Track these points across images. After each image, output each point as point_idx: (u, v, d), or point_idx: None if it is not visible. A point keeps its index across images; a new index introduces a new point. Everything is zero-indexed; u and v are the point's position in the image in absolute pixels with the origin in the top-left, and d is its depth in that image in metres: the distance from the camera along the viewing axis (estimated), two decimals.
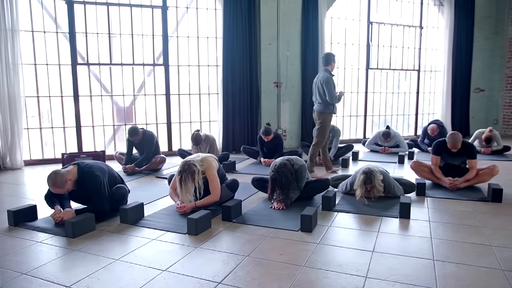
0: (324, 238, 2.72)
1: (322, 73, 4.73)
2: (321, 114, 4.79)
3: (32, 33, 5.61)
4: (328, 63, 4.70)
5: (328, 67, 4.71)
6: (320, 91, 4.70)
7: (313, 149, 4.93)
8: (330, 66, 4.71)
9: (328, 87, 4.60)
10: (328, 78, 4.62)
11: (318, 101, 4.79)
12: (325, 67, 4.73)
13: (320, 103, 4.76)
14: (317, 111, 4.83)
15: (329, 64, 4.71)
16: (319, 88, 4.71)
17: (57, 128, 6.03)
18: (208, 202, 3.31)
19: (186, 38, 6.55)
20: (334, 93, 4.65)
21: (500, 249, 2.51)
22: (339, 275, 2.17)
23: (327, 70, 4.71)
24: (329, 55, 4.74)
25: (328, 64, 4.71)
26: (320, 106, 4.78)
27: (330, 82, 4.62)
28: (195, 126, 6.73)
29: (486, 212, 3.30)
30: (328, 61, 4.70)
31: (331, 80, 4.64)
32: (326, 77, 4.62)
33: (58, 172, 2.95)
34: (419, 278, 2.11)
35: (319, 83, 4.70)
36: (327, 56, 4.74)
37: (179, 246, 2.62)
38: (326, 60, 4.72)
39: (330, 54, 4.74)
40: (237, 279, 2.13)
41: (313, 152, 4.93)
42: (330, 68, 4.71)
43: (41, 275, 2.20)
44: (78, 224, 2.80)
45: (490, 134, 6.15)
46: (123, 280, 2.14)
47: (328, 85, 4.60)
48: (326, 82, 4.61)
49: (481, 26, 8.48)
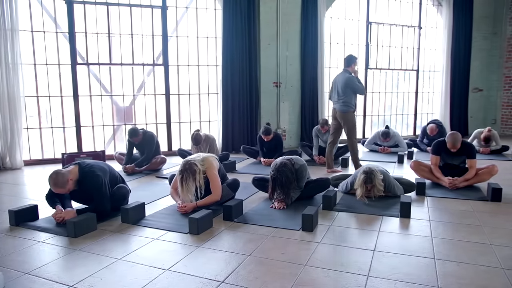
0: (325, 238, 2.73)
1: (343, 74, 4.85)
2: (344, 114, 4.90)
3: (31, 33, 5.60)
4: (349, 64, 4.84)
5: (349, 69, 4.84)
6: (340, 91, 4.83)
7: (352, 149, 5.01)
8: (351, 67, 4.84)
9: (352, 85, 4.74)
10: (350, 77, 4.76)
11: (341, 100, 4.87)
12: (345, 68, 4.86)
13: (342, 102, 4.87)
14: (339, 111, 4.93)
15: (350, 66, 4.84)
16: (340, 88, 4.83)
17: (56, 128, 6.03)
18: (209, 202, 3.32)
19: (186, 38, 6.56)
20: (361, 86, 4.80)
21: (500, 247, 2.52)
22: (341, 274, 2.18)
23: (347, 71, 4.84)
24: (351, 57, 4.86)
25: (349, 65, 4.84)
26: (341, 106, 4.89)
27: (353, 80, 4.75)
28: (195, 126, 6.74)
29: (486, 211, 3.32)
30: (349, 63, 4.84)
31: (353, 78, 4.77)
32: (349, 77, 4.77)
33: (59, 172, 2.95)
34: (421, 277, 2.13)
35: (342, 84, 4.80)
36: (349, 58, 4.87)
37: (181, 245, 2.63)
38: (348, 61, 4.85)
39: (352, 56, 4.87)
40: (240, 278, 2.14)
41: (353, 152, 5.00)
42: (350, 69, 4.84)
43: (43, 275, 2.21)
44: (79, 224, 2.80)
45: (489, 133, 6.18)
46: (126, 279, 2.15)
47: (352, 83, 4.74)
48: (350, 81, 4.75)
49: (479, 26, 8.51)
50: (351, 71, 4.84)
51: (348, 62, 4.84)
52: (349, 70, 4.83)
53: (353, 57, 4.86)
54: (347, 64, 4.85)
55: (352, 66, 4.84)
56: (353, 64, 4.84)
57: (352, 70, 4.84)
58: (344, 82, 4.77)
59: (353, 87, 4.75)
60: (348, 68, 4.84)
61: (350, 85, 4.74)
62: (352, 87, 4.75)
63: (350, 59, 4.84)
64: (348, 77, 4.76)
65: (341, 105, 4.87)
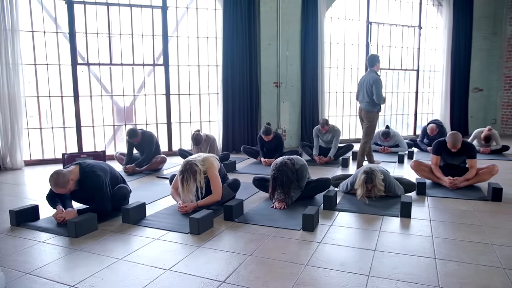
0: (326, 237, 2.74)
1: (370, 74, 4.92)
2: (369, 113, 4.98)
3: (32, 33, 5.61)
4: (373, 64, 4.92)
5: (374, 68, 4.91)
6: (368, 91, 4.89)
7: (363, 147, 5.11)
8: (375, 67, 4.92)
9: (376, 88, 4.80)
10: (377, 79, 4.82)
11: (366, 100, 4.96)
12: (371, 68, 4.93)
13: (368, 102, 4.94)
14: (365, 109, 5.02)
15: (374, 65, 4.92)
16: (367, 88, 4.89)
17: (57, 128, 6.03)
18: (209, 202, 3.32)
19: (186, 38, 6.56)
20: (382, 94, 4.87)
21: (500, 247, 2.53)
22: (342, 273, 2.18)
23: (373, 71, 4.91)
24: (373, 56, 4.96)
25: (373, 65, 4.92)
26: (367, 105, 4.97)
27: (379, 83, 4.82)
28: (195, 126, 6.74)
29: (486, 211, 3.32)
30: (373, 63, 4.92)
31: (379, 81, 4.83)
32: (375, 78, 4.83)
33: (60, 172, 2.96)
34: (421, 276, 2.13)
35: (368, 83, 4.88)
36: (371, 58, 4.95)
37: (181, 245, 2.63)
38: (371, 61, 4.94)
39: (374, 56, 4.96)
40: (241, 278, 2.14)
41: (362, 149, 5.11)
42: (375, 68, 4.92)
43: (45, 275, 2.21)
44: (80, 224, 2.81)
45: (489, 133, 6.18)
46: (127, 279, 2.15)
47: (377, 86, 4.80)
48: (375, 82, 4.81)
49: (480, 26, 8.51)
50: (376, 70, 4.93)
51: (371, 62, 4.93)
52: (374, 70, 4.92)
53: (375, 56, 4.95)
54: (370, 64, 4.94)
55: (377, 65, 4.93)
56: (377, 63, 4.93)
57: (376, 69, 4.93)
58: (370, 82, 4.85)
59: (375, 90, 4.81)
60: (373, 68, 4.93)
61: (376, 87, 4.81)
62: (376, 88, 4.81)
63: (373, 59, 4.94)
64: (375, 78, 4.84)
65: (366, 104, 4.99)
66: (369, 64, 4.96)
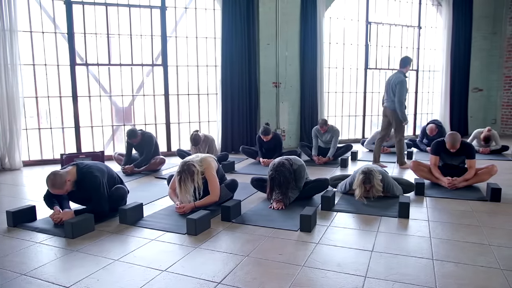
0: (323, 238, 2.72)
1: (397, 74, 5.00)
2: (393, 112, 5.05)
3: (30, 33, 5.60)
4: (404, 65, 5.00)
5: (403, 69, 4.98)
6: (393, 90, 4.98)
7: (399, 145, 5.24)
8: (405, 68, 4.99)
9: (399, 89, 4.88)
10: (403, 81, 4.90)
11: (391, 98, 5.05)
12: (400, 69, 5.00)
13: (393, 101, 5.02)
14: (389, 108, 5.11)
15: (405, 67, 4.99)
16: (392, 88, 4.99)
17: (56, 128, 6.03)
18: (207, 202, 3.31)
19: (185, 38, 6.55)
20: (403, 98, 4.94)
21: (498, 248, 2.51)
22: (339, 274, 2.17)
23: (402, 72, 4.97)
24: (406, 58, 5.03)
25: (404, 66, 4.99)
26: (392, 104, 5.04)
27: (403, 85, 4.89)
28: (194, 126, 6.73)
29: (485, 211, 3.31)
30: (404, 64, 5.00)
31: (405, 83, 4.91)
32: (401, 79, 4.90)
33: (57, 173, 2.95)
34: (419, 278, 2.12)
35: (393, 83, 4.95)
36: (404, 59, 5.03)
37: (178, 246, 2.62)
38: (403, 62, 5.01)
39: (407, 58, 5.03)
40: (237, 279, 2.13)
41: (400, 147, 5.25)
42: (405, 70, 4.99)
43: (40, 276, 2.20)
44: (77, 225, 2.80)
45: (489, 133, 6.17)
46: (123, 280, 2.14)
47: (401, 87, 4.87)
48: (400, 83, 4.88)
49: (479, 26, 8.50)
50: (405, 71, 4.99)
51: (403, 63, 5.01)
52: (403, 71, 4.98)
53: (408, 59, 5.02)
54: (402, 65, 5.01)
55: (407, 67, 4.99)
56: (408, 66, 4.99)
57: (406, 71, 4.99)
58: (396, 82, 4.92)
59: (398, 91, 4.88)
60: (403, 69, 4.99)
61: (399, 88, 4.87)
62: (399, 90, 4.87)
63: (405, 60, 5.01)
64: (401, 79, 4.91)
65: (391, 102, 5.05)
66: (401, 65, 5.04)
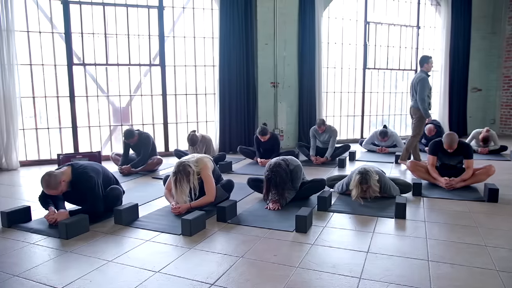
0: (318, 239, 2.71)
1: (419, 74, 5.08)
2: (418, 110, 5.07)
3: (27, 33, 5.59)
4: (422, 64, 5.07)
5: (423, 68, 5.04)
6: (415, 89, 5.04)
7: (411, 141, 5.26)
8: (424, 67, 5.04)
9: (420, 87, 4.94)
10: (423, 79, 4.96)
11: (414, 97, 5.11)
12: (421, 68, 5.07)
13: (415, 100, 5.09)
14: (414, 107, 5.17)
15: (423, 66, 5.05)
16: (414, 87, 5.09)
17: (53, 128, 6.01)
18: (203, 203, 3.29)
19: (183, 38, 6.54)
20: (424, 95, 4.96)
21: (494, 249, 2.50)
22: (333, 276, 2.16)
23: (423, 71, 5.04)
24: (422, 57, 5.11)
25: (422, 65, 5.06)
26: (415, 103, 5.10)
27: (424, 84, 4.95)
28: (192, 126, 6.72)
29: (482, 212, 3.29)
30: (422, 63, 5.08)
31: (425, 81, 4.96)
32: (422, 78, 4.98)
33: (51, 173, 2.93)
34: (413, 279, 2.10)
35: (415, 83, 5.04)
36: (421, 58, 5.13)
37: (173, 247, 2.61)
38: (421, 62, 5.10)
39: (423, 56, 5.11)
40: (230, 280, 2.11)
41: (410, 144, 5.26)
42: (424, 68, 5.04)
43: (33, 277, 2.18)
44: (71, 225, 2.78)
45: (487, 134, 6.15)
46: (116, 282, 2.12)
47: (421, 85, 4.94)
48: (421, 81, 4.95)
49: (478, 26, 8.49)
50: (426, 70, 5.04)
51: (421, 63, 5.10)
52: (424, 70, 5.04)
53: (424, 57, 5.09)
54: (421, 64, 5.09)
55: (425, 66, 5.03)
56: (425, 64, 5.03)
57: (426, 68, 5.04)
58: (417, 80, 5.00)
59: (419, 89, 4.94)
60: (422, 68, 5.05)
61: (420, 86, 4.93)
62: (420, 87, 4.93)
63: (422, 59, 5.10)
64: (422, 77, 4.97)
65: (414, 102, 5.14)
66: (420, 65, 5.12)
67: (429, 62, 5.06)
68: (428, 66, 5.06)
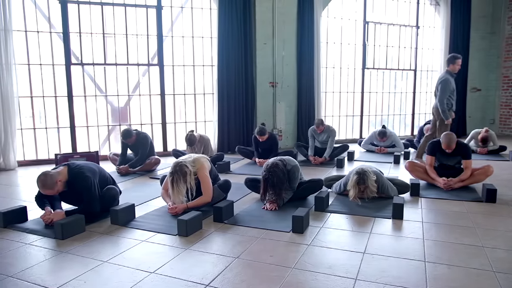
0: (315, 240, 2.70)
1: (443, 74, 5.08)
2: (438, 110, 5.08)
3: (25, 33, 5.57)
4: (448, 64, 5.05)
5: (449, 68, 5.02)
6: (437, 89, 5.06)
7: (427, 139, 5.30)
8: (450, 67, 5.02)
9: (441, 88, 4.95)
10: (445, 80, 4.95)
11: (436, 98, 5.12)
12: (447, 68, 5.05)
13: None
14: (435, 106, 5.20)
15: (448, 65, 5.04)
16: (437, 87, 5.10)
17: (51, 128, 6.00)
18: (200, 203, 3.28)
19: (181, 38, 6.53)
20: (444, 97, 4.95)
21: (492, 249, 2.49)
22: (329, 277, 2.14)
23: (448, 71, 5.02)
24: (450, 57, 5.09)
25: (448, 65, 5.05)
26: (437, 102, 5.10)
27: (445, 86, 4.93)
28: (190, 126, 6.71)
29: (480, 212, 3.28)
30: (448, 62, 5.05)
31: (447, 81, 4.93)
32: (444, 79, 4.97)
33: (48, 173, 2.92)
34: (410, 280, 2.09)
35: (438, 82, 5.05)
36: (448, 58, 5.10)
37: (168, 247, 2.60)
38: (447, 61, 5.08)
39: (452, 55, 5.06)
40: (226, 281, 2.10)
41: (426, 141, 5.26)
42: (450, 68, 5.01)
43: (27, 278, 2.17)
44: (67, 226, 2.77)
45: (486, 134, 6.14)
46: (110, 282, 2.11)
47: (443, 86, 4.94)
48: (442, 83, 4.96)
49: (478, 26, 8.47)
50: (451, 70, 5.01)
51: (447, 62, 5.07)
52: (449, 70, 5.02)
53: (451, 57, 5.05)
54: (447, 64, 5.07)
55: (451, 66, 5.00)
56: (451, 65, 5.00)
57: (451, 69, 5.01)
58: (440, 81, 5.00)
59: (441, 89, 4.93)
60: (448, 68, 5.03)
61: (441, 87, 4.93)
62: (441, 88, 4.93)
63: (448, 59, 5.08)
64: (444, 78, 4.99)
65: (436, 101, 5.11)
66: (446, 64, 5.10)
67: (455, 62, 4.98)
68: (454, 67, 4.99)
